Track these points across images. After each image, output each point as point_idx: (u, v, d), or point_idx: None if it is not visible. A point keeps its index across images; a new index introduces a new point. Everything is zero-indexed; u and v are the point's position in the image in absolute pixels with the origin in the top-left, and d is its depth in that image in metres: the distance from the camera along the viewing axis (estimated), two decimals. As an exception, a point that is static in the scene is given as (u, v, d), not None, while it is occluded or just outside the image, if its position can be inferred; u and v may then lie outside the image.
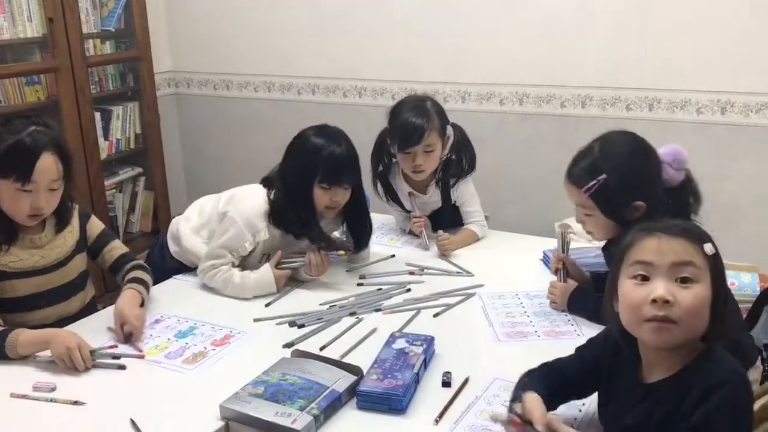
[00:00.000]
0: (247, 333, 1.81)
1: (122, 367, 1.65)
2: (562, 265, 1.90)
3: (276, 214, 2.05)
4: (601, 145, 1.72)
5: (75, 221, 1.94)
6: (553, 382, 1.33)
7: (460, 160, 2.40)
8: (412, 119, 2.24)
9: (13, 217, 1.78)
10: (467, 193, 2.44)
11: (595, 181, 1.68)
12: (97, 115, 3.41)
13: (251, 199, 2.08)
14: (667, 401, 1.17)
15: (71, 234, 1.92)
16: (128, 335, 1.75)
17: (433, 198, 2.45)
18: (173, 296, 2.05)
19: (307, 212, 2.04)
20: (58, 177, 1.77)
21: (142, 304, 1.87)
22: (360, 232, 2.20)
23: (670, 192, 1.71)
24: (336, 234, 2.23)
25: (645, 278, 1.17)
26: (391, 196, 2.49)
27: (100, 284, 2.10)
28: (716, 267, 1.17)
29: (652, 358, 1.23)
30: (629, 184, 1.67)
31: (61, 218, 1.89)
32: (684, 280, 1.14)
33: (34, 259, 1.83)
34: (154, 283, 2.04)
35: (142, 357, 1.69)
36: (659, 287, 1.14)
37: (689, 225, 1.23)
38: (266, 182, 2.11)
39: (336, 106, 3.65)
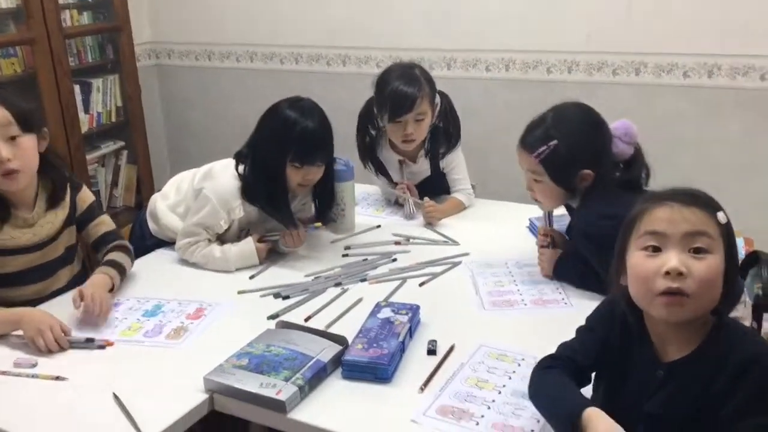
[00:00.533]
0: (221, 304, 1.78)
1: (101, 347, 1.60)
2: (551, 238, 1.91)
3: (247, 191, 2.00)
4: (554, 114, 1.77)
5: (67, 195, 1.89)
6: (578, 383, 1.25)
7: (448, 128, 2.37)
8: (403, 87, 2.19)
9: None
10: (455, 161, 2.42)
11: (545, 147, 1.73)
12: (77, 88, 3.35)
13: (225, 176, 2.03)
14: (693, 381, 1.13)
15: (62, 209, 1.88)
16: (85, 316, 1.70)
17: (422, 167, 2.43)
18: (140, 274, 1.99)
19: (279, 191, 1.99)
20: (8, 123, 1.69)
21: (111, 290, 1.81)
22: (324, 205, 2.17)
23: (622, 165, 1.77)
24: (303, 203, 2.21)
25: (656, 249, 1.12)
26: (379, 168, 2.45)
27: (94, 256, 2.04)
28: (729, 236, 1.12)
29: (663, 334, 1.18)
30: (578, 152, 1.72)
31: (53, 194, 1.84)
32: (697, 251, 1.10)
33: (25, 237, 1.79)
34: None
35: (110, 344, 1.62)
36: (672, 258, 1.09)
37: (700, 192, 1.16)
38: (238, 156, 2.05)
39: (320, 75, 3.60)
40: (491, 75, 3.23)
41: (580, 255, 1.77)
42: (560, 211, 2.03)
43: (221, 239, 2.07)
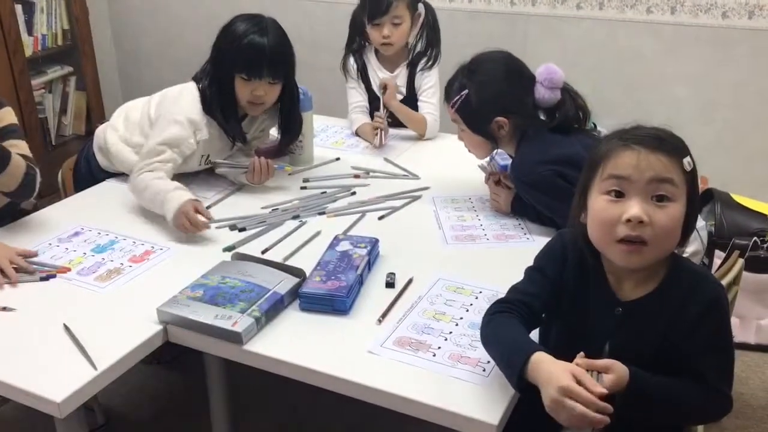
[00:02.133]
0: (170, 249, 1.70)
1: (52, 276, 1.56)
2: (498, 179, 1.90)
3: (204, 104, 1.93)
4: (470, 64, 1.79)
5: None
6: (529, 326, 1.24)
7: (429, 41, 2.40)
8: None
9: None
10: (430, 82, 2.42)
11: (458, 97, 1.77)
12: (18, 8, 3.16)
13: (185, 98, 1.95)
14: (652, 319, 1.16)
15: None
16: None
17: (398, 82, 2.42)
18: (99, 204, 1.94)
19: (228, 104, 1.93)
20: None
21: None
22: (288, 132, 2.11)
23: (549, 111, 1.77)
24: (273, 132, 2.16)
25: (619, 194, 1.12)
26: (362, 72, 2.46)
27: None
28: (693, 182, 1.12)
29: (619, 273, 1.19)
30: (489, 99, 1.74)
31: None
32: (660, 199, 1.10)
33: None
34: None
35: (68, 270, 1.58)
36: (634, 206, 1.09)
37: (666, 135, 1.14)
38: (198, 76, 1.98)
39: (278, 1, 3.46)
40: (454, 6, 3.16)
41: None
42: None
43: (182, 169, 1.98)
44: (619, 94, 2.96)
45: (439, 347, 1.32)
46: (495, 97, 1.75)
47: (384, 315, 1.42)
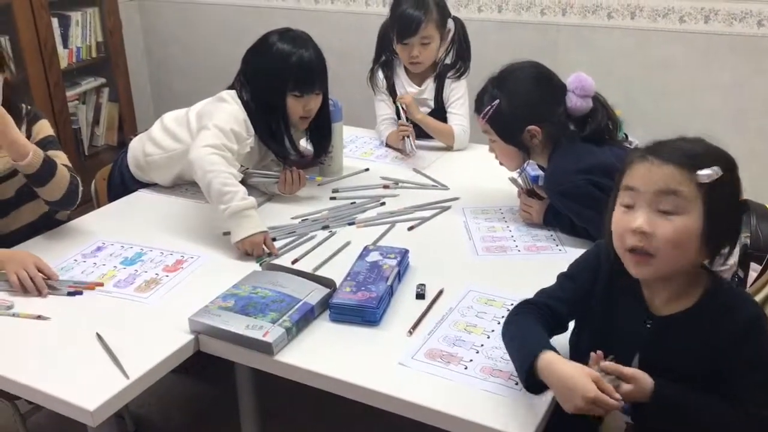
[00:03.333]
0: (201, 257, 1.70)
1: (79, 293, 1.55)
2: (531, 190, 1.89)
3: (251, 119, 1.93)
4: (500, 74, 1.79)
5: (23, 125, 1.77)
6: (551, 329, 1.25)
7: (459, 54, 2.39)
8: (410, 11, 2.25)
9: None
10: (458, 93, 2.40)
11: (489, 107, 1.75)
12: (55, 21, 3.22)
13: (231, 106, 1.92)
14: (688, 336, 1.14)
15: None
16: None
17: (425, 95, 2.42)
18: (129, 213, 1.96)
19: (281, 124, 1.96)
20: None
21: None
22: (321, 140, 2.13)
23: (580, 121, 1.75)
24: (302, 143, 2.16)
25: (629, 206, 1.13)
26: (390, 85, 2.46)
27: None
28: (713, 195, 1.08)
29: (653, 287, 1.18)
30: (521, 108, 1.73)
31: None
32: (666, 211, 1.09)
33: None
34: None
35: (100, 285, 1.58)
36: (639, 217, 1.10)
37: (689, 146, 1.13)
38: (238, 88, 1.98)
39: (307, 12, 3.49)
40: (483, 16, 3.15)
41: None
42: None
43: None
44: (650, 103, 2.92)
45: (471, 360, 1.31)
46: (526, 105, 1.74)
47: (414, 326, 1.41)
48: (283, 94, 1.93)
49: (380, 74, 2.46)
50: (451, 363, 1.30)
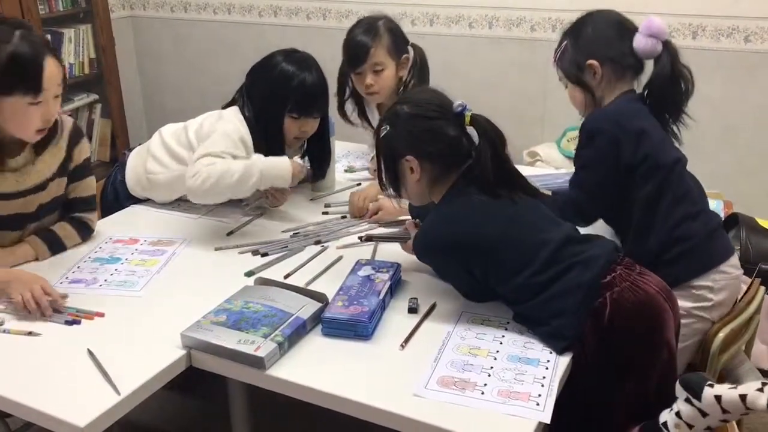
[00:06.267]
0: (195, 272, 1.71)
1: (77, 322, 1.51)
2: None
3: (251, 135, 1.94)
4: (573, 22, 1.82)
5: (63, 141, 1.75)
6: None
7: (418, 83, 2.25)
8: (358, 37, 2.14)
9: (20, 136, 1.62)
10: None
11: (559, 48, 1.81)
12: (47, 38, 3.23)
13: (232, 122, 1.93)
14: None
15: (55, 155, 1.74)
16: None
17: None
18: (116, 232, 1.97)
19: (275, 143, 1.96)
20: (62, 81, 1.62)
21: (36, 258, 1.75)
22: (321, 161, 2.14)
23: (655, 70, 1.73)
24: (297, 160, 2.16)
25: None
26: (362, 111, 2.36)
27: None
28: None
29: None
30: (582, 44, 1.76)
31: (45, 136, 1.68)
32: None
33: (6, 184, 1.67)
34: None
35: (101, 315, 1.54)
36: None
37: None
38: (239, 103, 1.99)
39: (299, 29, 3.52)
40: (474, 32, 3.18)
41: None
42: (549, 169, 2.02)
43: None
44: (641, 118, 2.94)
45: (485, 384, 1.28)
46: (588, 42, 1.75)
47: (406, 341, 1.41)
48: (282, 113, 1.94)
49: (350, 106, 2.35)
50: (467, 389, 1.27)
